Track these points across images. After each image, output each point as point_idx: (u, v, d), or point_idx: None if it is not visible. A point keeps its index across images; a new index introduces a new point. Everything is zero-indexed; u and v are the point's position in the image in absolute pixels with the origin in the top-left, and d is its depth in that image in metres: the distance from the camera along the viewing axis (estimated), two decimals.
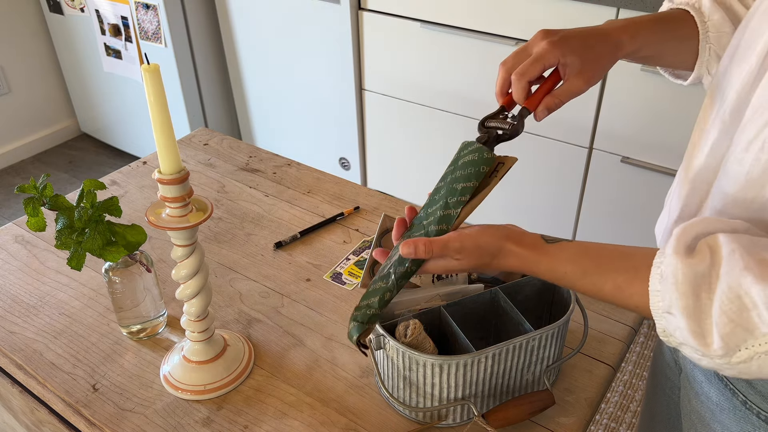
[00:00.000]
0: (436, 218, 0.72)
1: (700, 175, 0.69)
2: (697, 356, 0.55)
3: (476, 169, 0.71)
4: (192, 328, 0.87)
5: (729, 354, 0.53)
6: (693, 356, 0.56)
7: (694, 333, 0.54)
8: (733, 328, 0.52)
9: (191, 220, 0.78)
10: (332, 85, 2.35)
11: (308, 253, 1.12)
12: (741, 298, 0.52)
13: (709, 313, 0.53)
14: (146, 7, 2.42)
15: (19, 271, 1.09)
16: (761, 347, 0.51)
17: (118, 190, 1.30)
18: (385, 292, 0.73)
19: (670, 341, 0.58)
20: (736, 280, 0.52)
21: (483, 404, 0.82)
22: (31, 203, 0.86)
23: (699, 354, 0.55)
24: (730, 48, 0.69)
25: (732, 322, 0.52)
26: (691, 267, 0.55)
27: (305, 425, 0.83)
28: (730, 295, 0.52)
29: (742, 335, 0.52)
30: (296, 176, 1.33)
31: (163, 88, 0.72)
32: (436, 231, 0.71)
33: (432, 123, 2.21)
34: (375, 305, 0.73)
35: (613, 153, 1.90)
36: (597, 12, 1.72)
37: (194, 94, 2.64)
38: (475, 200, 0.72)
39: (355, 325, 0.73)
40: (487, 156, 0.71)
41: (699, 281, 0.54)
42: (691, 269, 0.55)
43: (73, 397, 0.87)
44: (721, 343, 0.53)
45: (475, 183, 0.71)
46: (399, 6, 2.06)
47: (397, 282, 0.72)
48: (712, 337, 0.53)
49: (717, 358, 0.54)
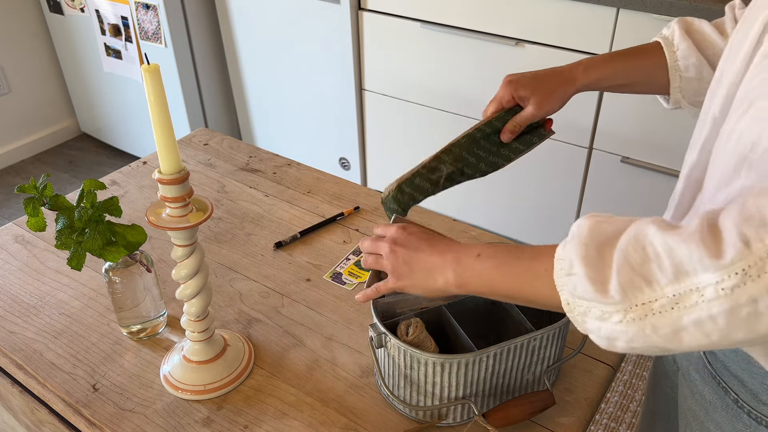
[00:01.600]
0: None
1: (692, 171, 0.70)
2: (598, 319, 0.53)
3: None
4: (192, 328, 0.87)
5: (625, 304, 0.51)
6: (595, 325, 0.54)
7: (592, 280, 0.53)
8: (632, 276, 0.50)
9: (191, 220, 0.78)
10: (332, 85, 2.35)
11: (308, 253, 1.12)
12: (645, 248, 0.50)
13: (610, 262, 0.52)
14: (146, 7, 2.42)
15: (19, 271, 1.09)
16: (657, 302, 0.50)
17: (118, 190, 1.30)
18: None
19: (575, 313, 0.56)
20: (642, 231, 0.51)
21: (483, 404, 0.82)
22: (31, 203, 0.86)
23: (600, 309, 0.53)
24: (724, 51, 0.70)
25: (633, 271, 0.50)
26: (598, 224, 0.55)
27: (305, 425, 0.83)
28: (636, 245, 0.51)
29: (639, 284, 0.50)
30: (296, 176, 1.33)
31: (163, 88, 0.72)
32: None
33: (432, 123, 2.21)
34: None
35: (613, 153, 1.90)
36: (597, 12, 1.72)
37: (194, 94, 2.64)
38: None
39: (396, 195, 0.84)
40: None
41: (604, 237, 0.54)
42: (598, 226, 0.55)
43: (73, 397, 0.87)
44: (619, 288, 0.51)
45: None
46: (399, 6, 2.06)
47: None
48: (610, 284, 0.52)
49: (615, 312, 0.52)
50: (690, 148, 0.73)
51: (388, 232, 0.75)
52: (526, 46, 1.89)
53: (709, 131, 0.66)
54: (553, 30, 1.82)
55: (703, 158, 0.68)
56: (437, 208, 2.27)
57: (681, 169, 0.77)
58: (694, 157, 0.69)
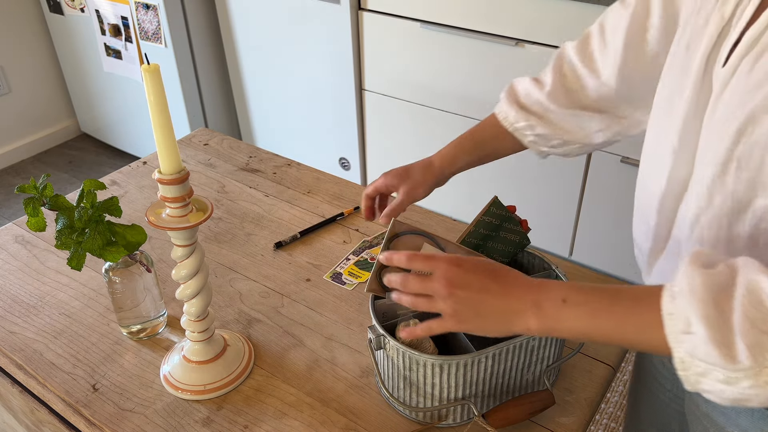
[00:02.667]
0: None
1: (664, 203, 0.71)
2: (721, 382, 0.50)
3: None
4: (192, 328, 0.87)
5: (758, 367, 0.48)
6: (716, 387, 0.51)
7: (717, 343, 0.49)
8: (759, 337, 0.47)
9: (191, 220, 0.78)
10: (332, 85, 2.35)
11: (308, 253, 1.12)
12: (763, 303, 0.48)
13: (731, 321, 0.49)
14: (146, 7, 2.42)
15: (19, 271, 1.09)
16: None
17: (118, 190, 1.30)
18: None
19: (690, 372, 0.52)
20: (756, 283, 0.49)
21: (483, 404, 0.82)
22: (31, 203, 0.86)
23: (725, 374, 0.49)
24: (657, 88, 0.74)
25: (758, 331, 0.48)
26: (710, 276, 0.51)
27: (305, 425, 0.83)
28: (752, 299, 0.49)
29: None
30: (296, 176, 1.33)
31: (163, 88, 0.72)
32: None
33: (432, 123, 2.21)
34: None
35: (613, 153, 1.90)
36: (597, 12, 1.72)
37: (194, 94, 2.64)
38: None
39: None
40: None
41: (718, 290, 0.50)
42: (710, 278, 0.51)
43: (73, 397, 0.87)
44: (748, 353, 0.48)
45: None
46: (399, 6, 2.06)
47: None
48: (737, 348, 0.48)
49: (744, 378, 0.48)
50: (646, 180, 0.74)
51: (437, 269, 0.64)
52: (526, 46, 1.89)
53: (673, 162, 0.68)
54: (553, 30, 1.82)
55: (676, 188, 0.69)
56: (437, 208, 2.27)
57: (638, 203, 0.78)
58: (663, 186, 0.70)
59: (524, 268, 0.94)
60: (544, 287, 0.62)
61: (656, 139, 0.73)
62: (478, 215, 0.90)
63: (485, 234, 0.90)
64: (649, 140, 0.75)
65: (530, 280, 0.63)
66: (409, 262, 0.66)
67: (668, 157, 0.69)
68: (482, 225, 0.90)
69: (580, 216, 2.07)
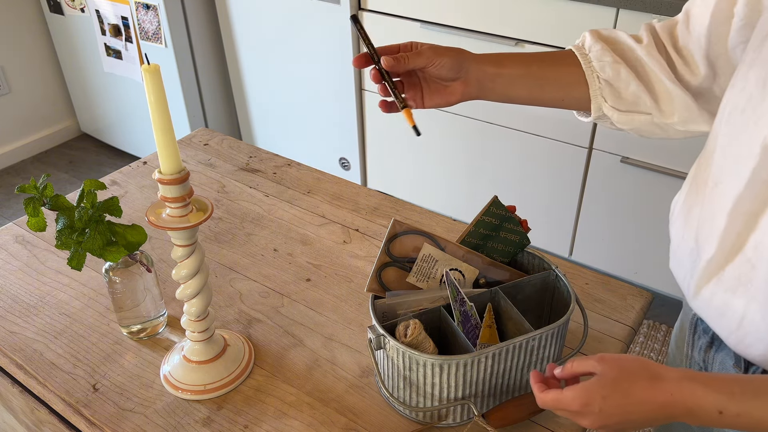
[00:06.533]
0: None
1: (740, 205, 0.63)
2: None
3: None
4: (192, 328, 0.87)
5: None
6: None
7: None
8: None
9: (191, 220, 0.78)
10: (332, 85, 2.35)
11: (308, 253, 1.12)
12: None
13: None
14: (146, 7, 2.42)
15: (19, 271, 1.10)
16: None
17: (118, 190, 1.30)
18: None
19: None
20: None
21: (483, 404, 0.82)
22: (31, 203, 0.86)
23: None
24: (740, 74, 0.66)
25: None
26: None
27: (305, 425, 0.83)
28: None
29: None
30: (296, 176, 1.33)
31: (163, 88, 0.72)
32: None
33: (432, 123, 2.21)
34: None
35: (613, 153, 1.90)
36: (597, 12, 1.72)
37: (194, 94, 2.64)
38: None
39: None
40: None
41: None
42: None
43: (73, 397, 0.87)
44: None
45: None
46: (399, 6, 2.06)
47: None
48: None
49: None
50: (721, 175, 0.66)
51: (589, 409, 0.63)
52: (526, 46, 1.89)
53: (760, 160, 0.60)
54: (553, 30, 1.82)
55: (755, 190, 0.61)
56: (437, 208, 2.27)
57: (694, 199, 0.71)
58: (741, 188, 0.62)
59: (524, 268, 0.94)
60: (690, 397, 0.59)
61: (740, 131, 0.64)
62: (477, 215, 0.89)
63: (485, 234, 0.90)
64: (725, 133, 0.67)
65: (668, 395, 0.60)
66: (557, 403, 0.66)
67: (755, 150, 0.60)
68: (482, 225, 0.90)
69: (580, 216, 2.08)
